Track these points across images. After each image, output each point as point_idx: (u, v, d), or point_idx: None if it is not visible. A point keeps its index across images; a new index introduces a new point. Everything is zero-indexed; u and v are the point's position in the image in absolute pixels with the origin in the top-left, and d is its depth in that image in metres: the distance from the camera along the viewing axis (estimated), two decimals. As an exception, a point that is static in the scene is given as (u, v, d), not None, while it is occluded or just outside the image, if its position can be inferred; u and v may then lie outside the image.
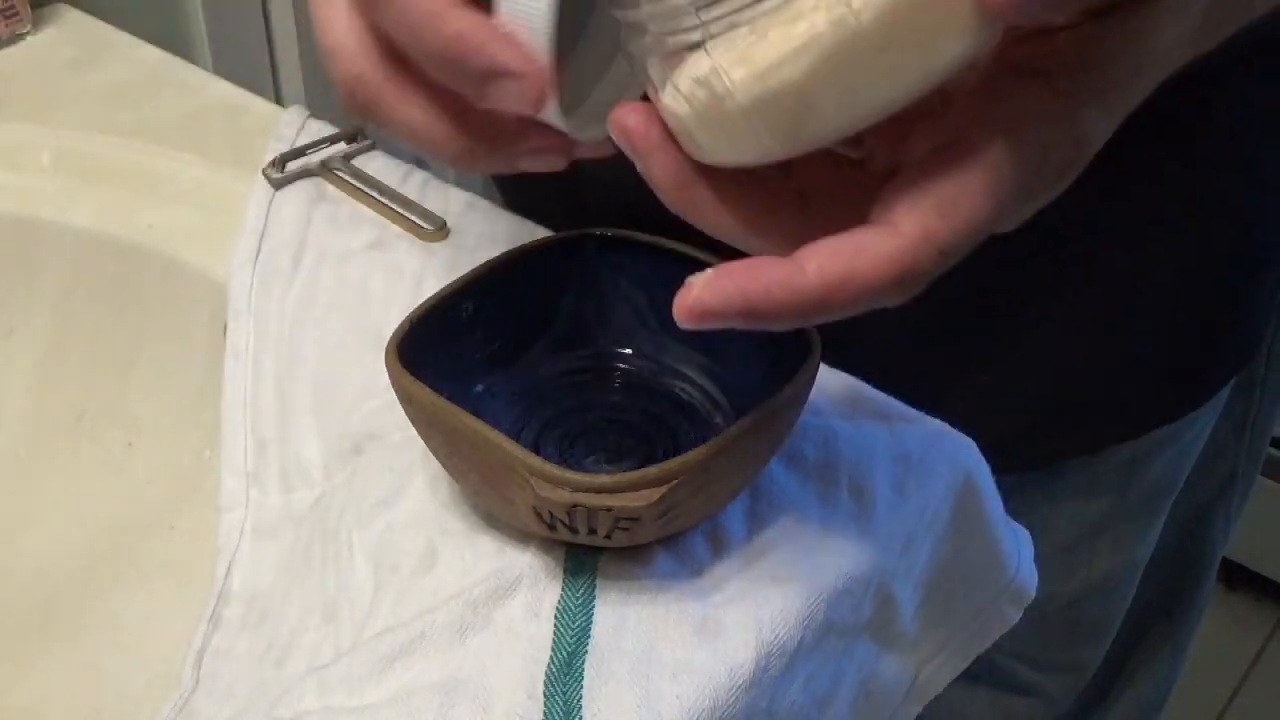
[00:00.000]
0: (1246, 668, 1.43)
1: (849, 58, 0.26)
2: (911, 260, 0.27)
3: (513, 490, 0.36)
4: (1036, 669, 0.68)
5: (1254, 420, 0.63)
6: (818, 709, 0.41)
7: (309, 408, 0.48)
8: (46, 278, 0.59)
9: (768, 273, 0.28)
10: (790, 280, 0.28)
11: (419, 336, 0.40)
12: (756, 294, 0.28)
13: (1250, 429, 0.64)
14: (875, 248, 0.27)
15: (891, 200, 0.28)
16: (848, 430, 0.44)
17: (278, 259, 0.53)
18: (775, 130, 0.27)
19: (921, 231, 0.27)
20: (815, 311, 0.28)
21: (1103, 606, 0.65)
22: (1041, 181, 0.28)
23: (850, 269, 0.27)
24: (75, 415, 0.57)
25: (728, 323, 0.29)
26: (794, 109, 0.27)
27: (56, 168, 0.61)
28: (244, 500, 0.46)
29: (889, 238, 0.27)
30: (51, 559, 0.53)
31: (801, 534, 0.41)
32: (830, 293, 0.27)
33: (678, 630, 0.37)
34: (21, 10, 0.71)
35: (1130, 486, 0.59)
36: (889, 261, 0.27)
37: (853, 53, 0.26)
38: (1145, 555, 0.64)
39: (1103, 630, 0.67)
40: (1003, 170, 0.27)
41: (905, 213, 0.28)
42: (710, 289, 0.29)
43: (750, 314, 0.28)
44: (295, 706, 0.36)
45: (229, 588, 0.44)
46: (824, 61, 0.26)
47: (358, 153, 0.60)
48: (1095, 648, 0.68)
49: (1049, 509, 0.60)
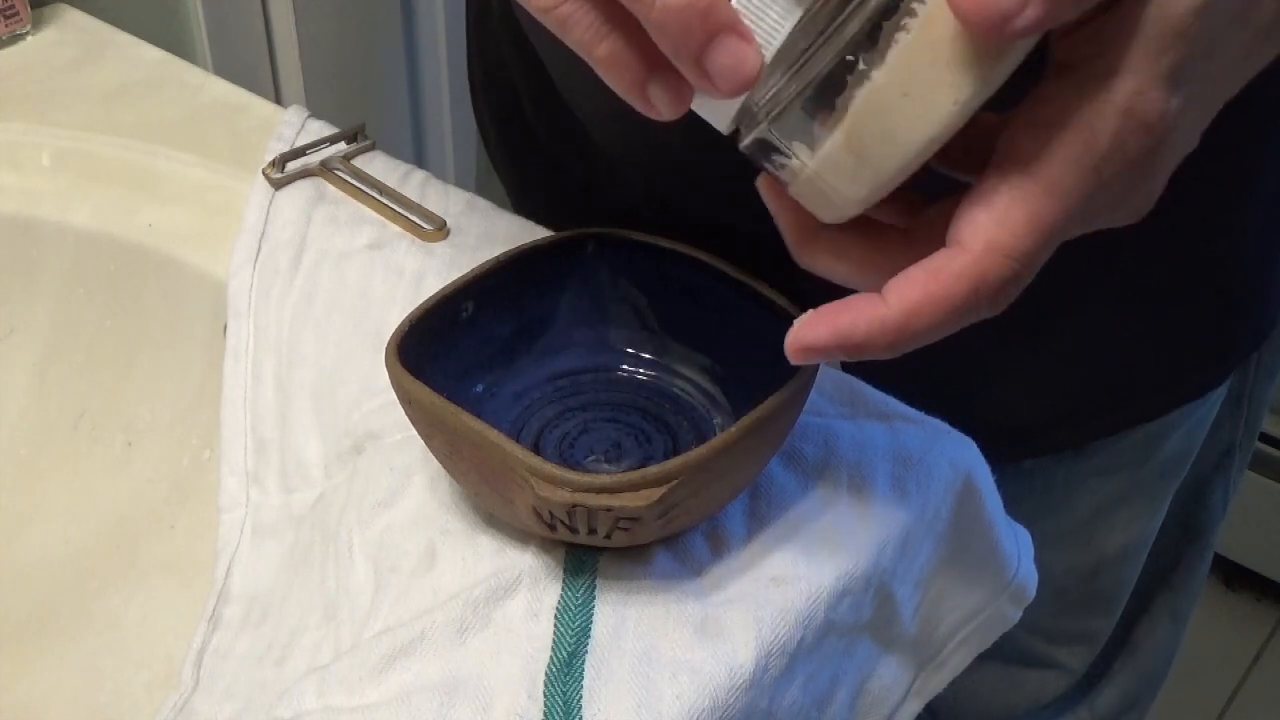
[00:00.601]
0: (1246, 668, 1.43)
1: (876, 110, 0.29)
2: (980, 272, 0.29)
3: (513, 490, 0.36)
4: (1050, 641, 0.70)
5: (1250, 392, 0.64)
6: (818, 709, 0.41)
7: (309, 408, 0.48)
8: (46, 278, 0.58)
9: (854, 308, 0.31)
10: (874, 312, 0.30)
11: (419, 336, 0.40)
12: (845, 329, 0.31)
13: (1247, 401, 0.65)
14: (947, 267, 0.30)
15: (957, 220, 0.30)
16: (848, 430, 0.44)
17: (277, 259, 0.53)
18: (845, 185, 0.30)
19: (984, 243, 0.29)
20: (904, 337, 0.30)
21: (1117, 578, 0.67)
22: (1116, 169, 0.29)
23: (926, 292, 0.30)
24: (75, 415, 0.57)
25: (830, 357, 0.32)
26: (851, 165, 0.30)
27: (56, 168, 0.61)
28: (244, 500, 0.46)
29: (957, 255, 0.30)
30: (51, 559, 0.53)
31: (801, 534, 0.41)
32: (911, 317, 0.30)
33: (678, 630, 0.37)
34: (21, 10, 0.71)
35: (1146, 462, 0.60)
36: (960, 278, 0.29)
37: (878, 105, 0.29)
38: (1157, 526, 0.66)
39: (1115, 600, 0.69)
40: (1055, 168, 0.29)
41: (968, 228, 0.29)
42: (808, 328, 0.32)
43: (845, 348, 0.31)
44: (295, 706, 0.36)
45: (229, 588, 0.44)
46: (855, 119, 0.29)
47: (358, 153, 0.60)
48: (1108, 617, 0.69)
49: (1070, 487, 0.61)
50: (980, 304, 0.30)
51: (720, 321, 0.44)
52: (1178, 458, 0.62)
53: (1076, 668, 0.71)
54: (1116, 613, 0.70)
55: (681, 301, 0.45)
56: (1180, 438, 0.61)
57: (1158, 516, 0.65)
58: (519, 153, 0.67)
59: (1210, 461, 0.67)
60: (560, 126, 0.59)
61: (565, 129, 0.59)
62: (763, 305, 0.42)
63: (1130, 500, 0.63)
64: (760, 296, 0.42)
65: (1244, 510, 1.34)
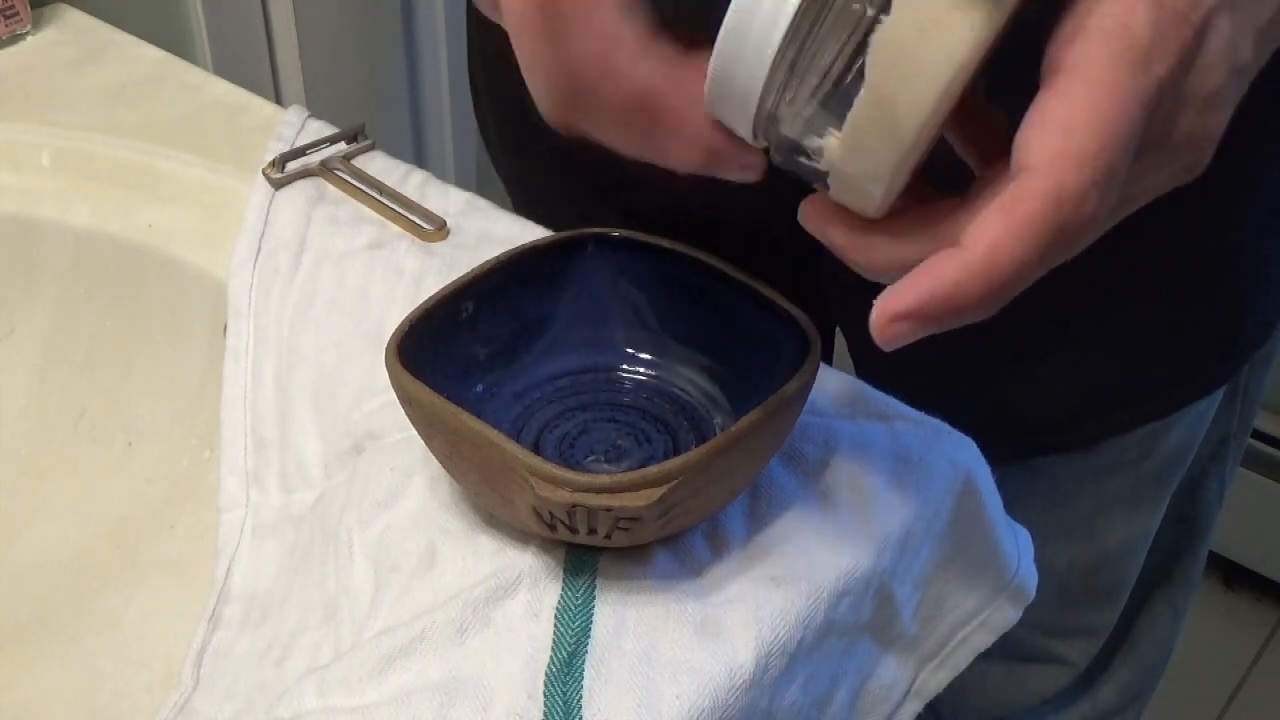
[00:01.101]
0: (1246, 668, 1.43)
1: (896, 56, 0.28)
2: (1056, 185, 0.27)
3: (513, 490, 0.36)
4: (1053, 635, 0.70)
5: (1245, 385, 0.65)
6: (817, 709, 0.41)
7: (309, 408, 0.48)
8: (46, 278, 0.59)
9: (933, 265, 0.28)
10: (956, 260, 0.28)
11: (419, 336, 0.40)
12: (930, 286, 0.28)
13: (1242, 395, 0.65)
14: (1019, 192, 0.27)
15: (1018, 148, 0.28)
16: (848, 430, 0.44)
17: (277, 259, 0.53)
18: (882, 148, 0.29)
19: (1050, 155, 0.27)
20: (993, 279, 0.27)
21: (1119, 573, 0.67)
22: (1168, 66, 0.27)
23: (1005, 224, 0.27)
24: (75, 415, 0.57)
25: (923, 325, 0.29)
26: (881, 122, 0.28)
27: (56, 168, 0.61)
28: (244, 500, 0.46)
29: (1026, 178, 0.27)
30: (51, 559, 0.53)
31: (801, 534, 0.41)
32: (996, 254, 0.27)
33: (678, 630, 0.37)
34: (21, 10, 0.71)
35: (1148, 458, 0.61)
36: (1036, 196, 0.27)
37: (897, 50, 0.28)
38: (1157, 521, 0.66)
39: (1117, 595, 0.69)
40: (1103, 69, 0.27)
41: (1031, 148, 0.27)
42: (894, 298, 0.29)
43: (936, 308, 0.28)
44: (295, 706, 0.36)
45: (229, 588, 0.44)
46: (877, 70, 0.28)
47: (358, 153, 0.60)
48: (1109, 612, 0.70)
49: (1074, 483, 0.61)
50: (1066, 224, 0.27)
51: (720, 321, 0.44)
52: (1178, 453, 0.62)
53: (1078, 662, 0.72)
54: (1118, 607, 0.70)
55: (681, 301, 0.45)
56: (1181, 434, 0.61)
57: (1159, 511, 0.66)
58: (519, 153, 0.67)
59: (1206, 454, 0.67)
60: None
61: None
62: (763, 305, 0.42)
63: (1132, 496, 0.63)
64: (760, 296, 0.42)
65: (1243, 510, 1.34)
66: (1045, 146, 0.27)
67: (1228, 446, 0.68)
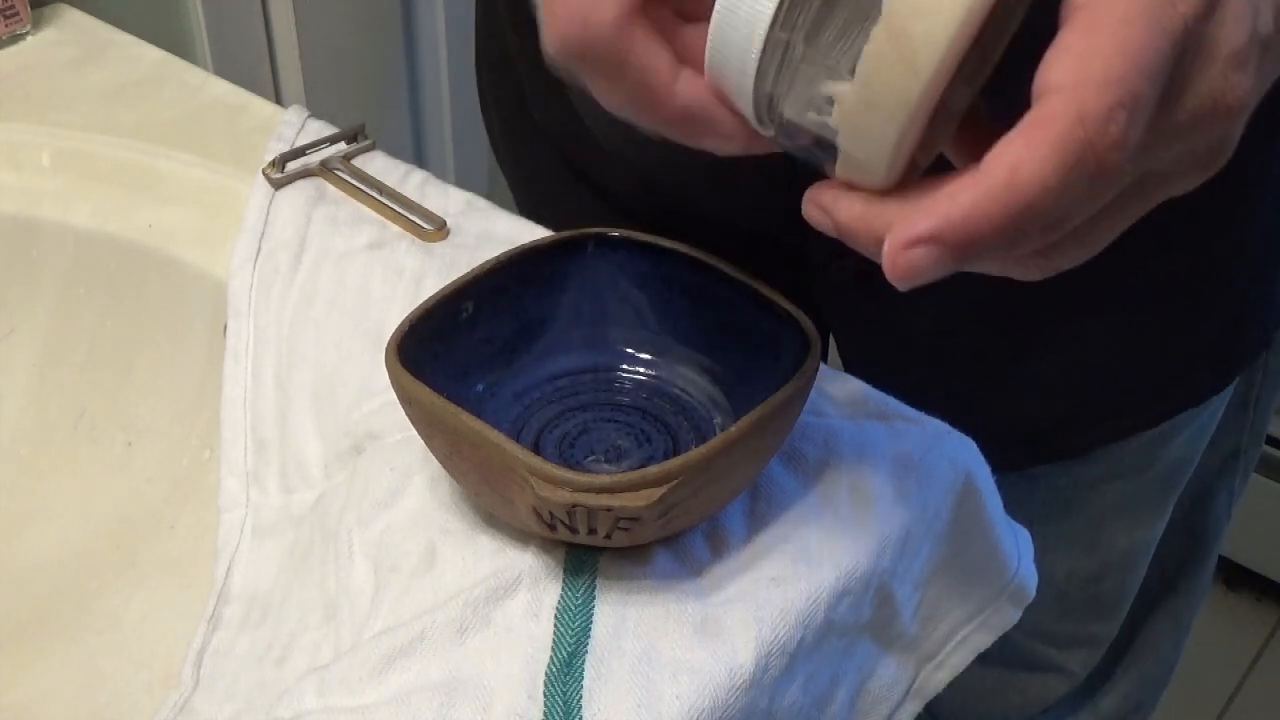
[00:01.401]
0: (1246, 668, 1.43)
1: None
2: (1079, 105, 0.25)
3: (513, 490, 0.36)
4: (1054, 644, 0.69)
5: (1257, 398, 0.64)
6: (817, 709, 0.41)
7: (309, 408, 0.48)
8: (46, 278, 0.59)
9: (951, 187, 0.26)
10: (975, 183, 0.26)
11: (419, 336, 0.40)
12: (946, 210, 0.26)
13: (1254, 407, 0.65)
14: (1041, 114, 0.26)
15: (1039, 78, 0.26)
16: (848, 430, 0.44)
17: (277, 259, 0.53)
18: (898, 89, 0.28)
19: (1071, 76, 0.25)
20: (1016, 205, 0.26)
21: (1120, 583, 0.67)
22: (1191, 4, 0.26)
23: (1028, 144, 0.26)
24: (75, 415, 0.57)
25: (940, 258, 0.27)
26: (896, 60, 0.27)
27: (56, 168, 0.61)
28: (244, 500, 0.46)
29: (1049, 99, 0.26)
30: (51, 559, 0.53)
31: (801, 534, 0.41)
32: (1017, 176, 0.25)
33: (678, 630, 0.37)
34: (21, 10, 0.71)
35: (1149, 468, 0.60)
36: (1059, 117, 0.25)
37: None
38: (1159, 531, 0.66)
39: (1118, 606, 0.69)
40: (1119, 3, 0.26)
41: (1053, 73, 0.26)
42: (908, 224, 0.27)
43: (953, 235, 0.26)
44: (295, 706, 0.36)
45: (229, 588, 0.44)
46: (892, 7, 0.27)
47: (358, 153, 0.60)
48: (1111, 622, 0.69)
49: (1073, 493, 0.61)
50: (1091, 146, 0.25)
51: (720, 321, 0.44)
52: (1180, 464, 0.62)
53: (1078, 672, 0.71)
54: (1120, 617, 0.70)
55: (681, 301, 0.45)
56: (1182, 444, 0.61)
57: (1161, 522, 0.65)
58: (523, 150, 0.67)
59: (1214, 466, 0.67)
60: (564, 122, 0.59)
61: (568, 125, 0.59)
62: (763, 305, 0.42)
63: (1133, 506, 0.62)
64: (760, 296, 0.42)
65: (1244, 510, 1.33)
66: (1068, 71, 0.26)
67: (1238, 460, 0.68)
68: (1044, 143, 0.25)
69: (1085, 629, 0.69)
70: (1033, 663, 0.70)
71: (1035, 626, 0.64)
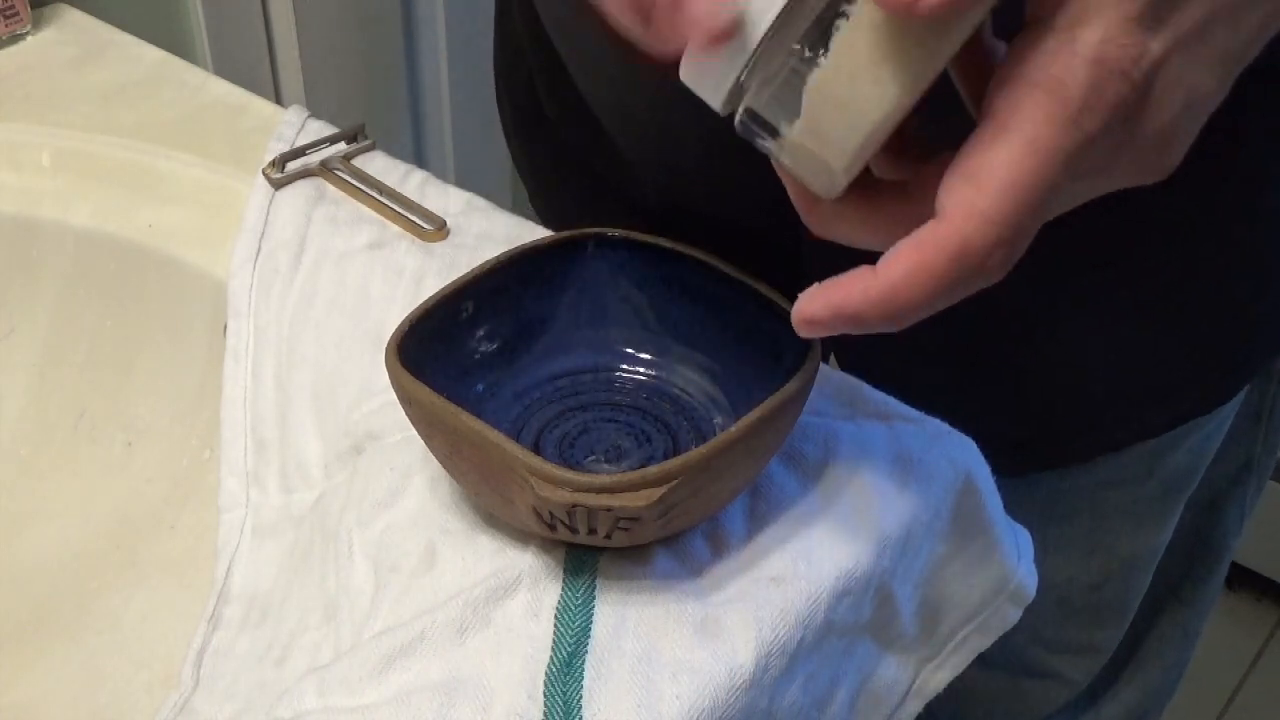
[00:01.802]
0: (1246, 668, 1.43)
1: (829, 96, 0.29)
2: (960, 241, 0.28)
3: (513, 490, 0.36)
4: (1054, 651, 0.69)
5: (1270, 410, 0.63)
6: (817, 709, 0.41)
7: (309, 408, 0.48)
8: (46, 278, 0.59)
9: (849, 281, 0.31)
10: (865, 284, 0.30)
11: (419, 336, 0.40)
12: (839, 301, 0.31)
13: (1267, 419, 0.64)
14: (929, 238, 0.29)
15: (941, 188, 0.29)
16: (848, 430, 0.44)
17: (277, 259, 0.53)
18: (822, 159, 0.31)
19: (964, 210, 0.28)
20: (895, 308, 0.30)
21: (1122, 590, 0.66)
22: (1100, 122, 0.28)
23: (910, 264, 0.29)
24: (75, 415, 0.57)
25: (831, 329, 0.32)
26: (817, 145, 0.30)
27: (56, 168, 0.61)
28: (244, 500, 0.46)
29: (938, 224, 0.29)
30: (51, 559, 0.53)
31: (801, 534, 0.41)
32: (898, 290, 0.29)
33: (678, 630, 0.37)
34: (21, 10, 0.71)
35: (1151, 476, 0.60)
36: (942, 248, 0.29)
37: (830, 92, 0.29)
38: (1165, 540, 0.65)
39: (1121, 613, 0.68)
40: (1028, 126, 0.28)
41: (949, 196, 0.29)
42: (807, 301, 0.32)
43: (841, 319, 0.31)
44: (295, 706, 0.36)
45: (229, 588, 0.44)
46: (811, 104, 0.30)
47: (358, 153, 0.60)
48: (1114, 629, 0.69)
49: (1072, 499, 0.60)
50: (968, 273, 0.29)
51: (720, 321, 0.44)
52: (1185, 472, 0.61)
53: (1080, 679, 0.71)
54: (1123, 626, 0.69)
55: (681, 301, 0.45)
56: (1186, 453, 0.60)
57: (1165, 530, 0.64)
58: (536, 147, 0.67)
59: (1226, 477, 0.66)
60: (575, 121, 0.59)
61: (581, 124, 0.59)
62: (763, 305, 0.42)
63: (1135, 514, 0.62)
64: (760, 296, 0.42)
65: (1244, 510, 1.33)
66: (959, 201, 0.29)
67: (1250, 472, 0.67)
68: (923, 270, 0.29)
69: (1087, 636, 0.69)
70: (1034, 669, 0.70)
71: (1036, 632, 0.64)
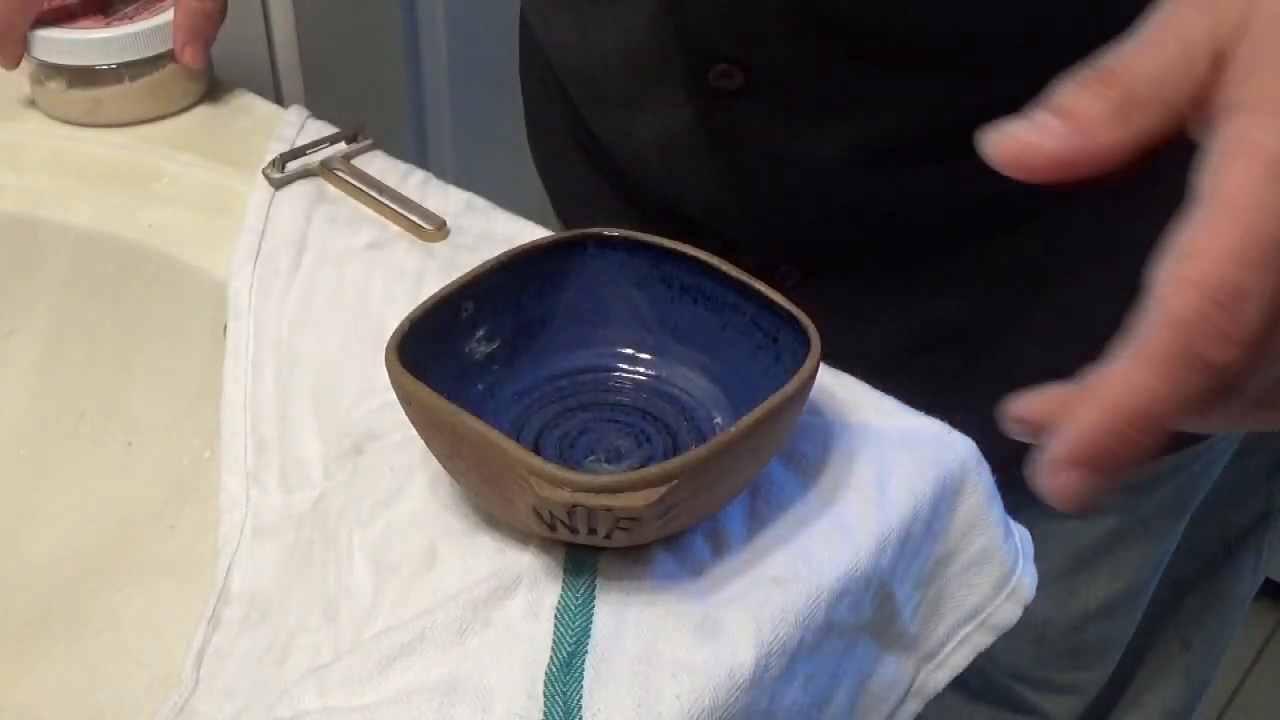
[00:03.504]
0: (1246, 668, 1.43)
1: None
2: (1172, 313, 0.27)
3: (513, 490, 0.36)
4: (1035, 689, 0.68)
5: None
6: (817, 709, 0.41)
7: (309, 408, 0.48)
8: (46, 278, 0.58)
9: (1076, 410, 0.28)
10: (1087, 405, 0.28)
11: (419, 336, 0.40)
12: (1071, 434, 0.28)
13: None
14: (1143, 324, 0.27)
15: None
16: (848, 430, 0.44)
17: (278, 259, 0.53)
18: None
19: (1172, 283, 0.27)
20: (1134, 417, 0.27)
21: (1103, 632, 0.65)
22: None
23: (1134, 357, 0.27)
24: (75, 415, 0.57)
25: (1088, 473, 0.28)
26: None
27: (56, 168, 0.61)
28: (244, 500, 0.46)
29: (1150, 309, 0.27)
30: (51, 559, 0.53)
31: (801, 534, 0.41)
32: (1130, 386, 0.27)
33: (678, 630, 0.37)
34: (21, 10, 0.71)
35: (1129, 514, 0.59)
36: (1158, 325, 0.27)
37: None
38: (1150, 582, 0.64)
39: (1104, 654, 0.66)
40: (1227, 190, 0.27)
41: (1159, 275, 0.27)
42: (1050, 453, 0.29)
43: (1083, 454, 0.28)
44: (295, 706, 0.36)
45: (229, 588, 0.44)
46: None
47: (358, 153, 0.60)
48: (1098, 670, 0.67)
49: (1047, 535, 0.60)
50: (1194, 349, 0.26)
51: (720, 321, 0.44)
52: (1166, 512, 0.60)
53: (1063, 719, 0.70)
54: (1108, 667, 0.67)
55: (681, 301, 0.45)
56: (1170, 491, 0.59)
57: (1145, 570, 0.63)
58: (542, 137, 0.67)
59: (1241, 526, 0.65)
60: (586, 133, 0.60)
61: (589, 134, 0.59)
62: (763, 305, 0.42)
63: (1113, 551, 0.60)
64: (760, 296, 0.42)
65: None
66: (1165, 273, 0.27)
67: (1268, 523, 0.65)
68: (1146, 358, 0.27)
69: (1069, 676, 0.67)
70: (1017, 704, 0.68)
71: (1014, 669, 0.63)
